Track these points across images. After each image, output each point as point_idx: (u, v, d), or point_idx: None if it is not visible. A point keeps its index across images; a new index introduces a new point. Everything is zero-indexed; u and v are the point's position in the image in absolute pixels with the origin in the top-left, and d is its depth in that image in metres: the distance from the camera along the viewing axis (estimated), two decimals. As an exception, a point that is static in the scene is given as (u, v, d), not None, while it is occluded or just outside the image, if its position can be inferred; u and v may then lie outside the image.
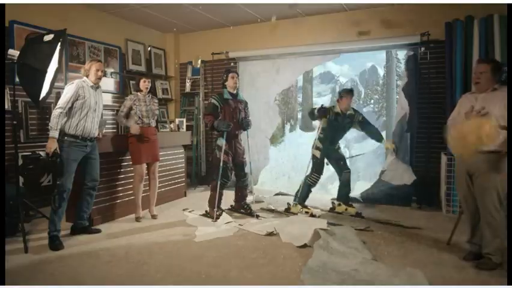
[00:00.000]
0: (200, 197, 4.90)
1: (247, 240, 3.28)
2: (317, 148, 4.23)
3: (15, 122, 3.07)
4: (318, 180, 4.21)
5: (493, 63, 2.70)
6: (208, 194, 4.13)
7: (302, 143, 9.80)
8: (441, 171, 4.35)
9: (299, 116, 14.00)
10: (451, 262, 2.75)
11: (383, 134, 4.55)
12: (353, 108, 4.24)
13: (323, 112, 4.06)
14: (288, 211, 4.21)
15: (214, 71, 5.96)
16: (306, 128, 13.33)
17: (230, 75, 4.04)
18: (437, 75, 4.47)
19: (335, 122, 4.13)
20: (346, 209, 4.17)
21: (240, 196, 4.22)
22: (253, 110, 4.41)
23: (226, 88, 4.06)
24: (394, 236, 3.36)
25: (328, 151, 4.20)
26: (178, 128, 5.21)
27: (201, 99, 6.00)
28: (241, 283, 2.43)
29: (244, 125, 4.04)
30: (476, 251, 2.75)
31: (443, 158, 4.23)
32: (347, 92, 4.17)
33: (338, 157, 4.26)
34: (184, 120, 5.46)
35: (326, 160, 4.26)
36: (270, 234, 3.40)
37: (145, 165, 3.89)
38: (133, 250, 3.01)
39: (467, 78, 4.07)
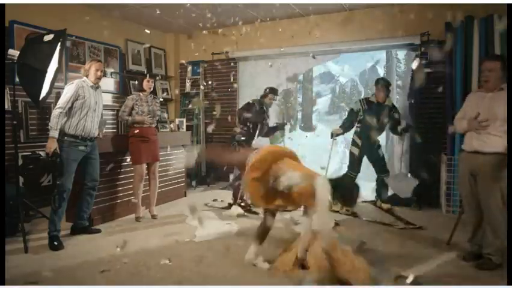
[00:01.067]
0: (200, 197, 4.90)
1: (247, 240, 3.27)
2: (354, 144, 4.15)
3: (15, 122, 3.07)
4: (354, 178, 4.11)
5: (502, 60, 2.63)
6: (208, 193, 4.14)
7: (302, 143, 9.75)
8: (441, 172, 4.35)
9: (299, 116, 13.98)
10: (451, 262, 2.75)
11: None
12: (393, 104, 4.25)
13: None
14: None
15: (214, 71, 5.96)
16: (306, 128, 13.32)
17: (271, 96, 4.36)
18: (437, 76, 4.47)
19: (369, 111, 4.09)
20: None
21: None
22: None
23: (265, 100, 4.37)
24: (394, 236, 3.36)
25: (366, 149, 4.11)
26: (178, 128, 5.21)
27: (200, 99, 5.99)
28: (241, 283, 2.42)
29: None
30: (476, 251, 2.75)
31: (443, 158, 4.23)
32: (377, 82, 4.17)
33: (376, 158, 4.16)
34: (184, 120, 5.46)
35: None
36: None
37: (145, 165, 3.89)
38: (133, 250, 3.01)
39: (467, 78, 4.07)
